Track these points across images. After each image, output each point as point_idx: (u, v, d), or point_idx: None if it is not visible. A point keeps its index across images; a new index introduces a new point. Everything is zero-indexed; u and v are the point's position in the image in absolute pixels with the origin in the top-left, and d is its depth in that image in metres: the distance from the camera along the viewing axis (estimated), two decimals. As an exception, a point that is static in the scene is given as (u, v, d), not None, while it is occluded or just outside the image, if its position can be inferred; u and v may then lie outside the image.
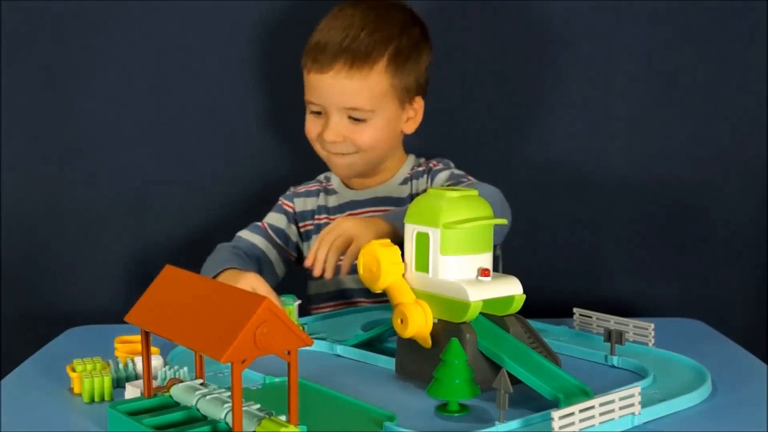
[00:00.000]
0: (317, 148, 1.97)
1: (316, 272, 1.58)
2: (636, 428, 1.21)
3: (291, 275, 2.02)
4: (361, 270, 1.41)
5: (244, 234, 1.98)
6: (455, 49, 2.19)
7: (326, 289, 2.02)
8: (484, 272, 1.33)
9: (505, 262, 1.98)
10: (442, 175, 1.93)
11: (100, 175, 2.21)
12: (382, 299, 1.76)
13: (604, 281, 2.27)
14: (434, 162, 1.99)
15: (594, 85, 2.24)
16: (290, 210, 2.03)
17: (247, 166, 2.24)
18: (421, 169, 2.01)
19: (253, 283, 1.63)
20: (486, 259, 1.36)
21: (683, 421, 1.25)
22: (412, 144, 2.03)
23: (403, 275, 1.39)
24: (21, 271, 2.22)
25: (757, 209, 2.26)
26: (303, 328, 1.63)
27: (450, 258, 1.33)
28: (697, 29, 2.23)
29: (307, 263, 1.60)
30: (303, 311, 1.70)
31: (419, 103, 1.97)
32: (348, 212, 2.02)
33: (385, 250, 1.38)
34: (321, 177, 2.09)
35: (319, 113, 1.92)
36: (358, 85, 1.87)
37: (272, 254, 2.00)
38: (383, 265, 1.37)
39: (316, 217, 2.03)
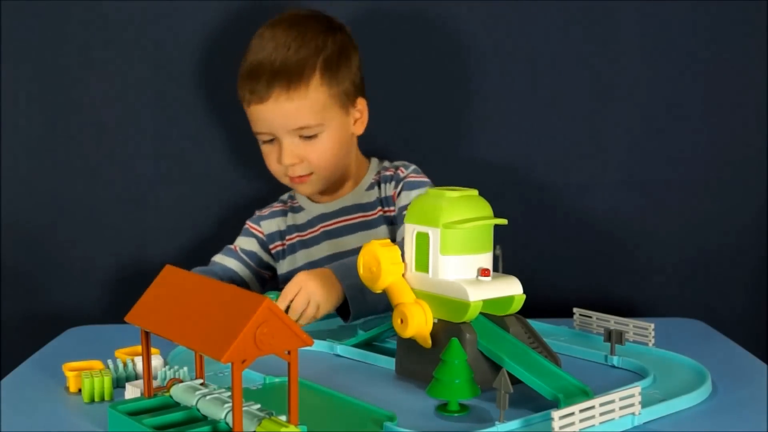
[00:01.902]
0: (280, 176, 1.97)
1: None
2: (636, 428, 1.21)
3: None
4: (361, 270, 1.41)
5: (218, 258, 2.02)
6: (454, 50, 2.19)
7: None
8: (484, 272, 1.33)
9: (504, 262, 1.98)
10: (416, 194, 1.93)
11: (100, 175, 2.21)
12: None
13: (604, 281, 2.28)
14: (402, 169, 1.99)
15: (594, 84, 2.24)
16: (259, 234, 2.05)
17: (248, 166, 2.24)
18: (388, 173, 2.01)
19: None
20: (486, 259, 1.36)
21: (683, 421, 1.25)
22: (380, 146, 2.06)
23: (403, 275, 1.39)
24: (21, 271, 2.21)
25: (757, 209, 2.26)
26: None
27: (450, 258, 1.33)
28: (697, 29, 2.23)
29: None
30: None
31: (362, 104, 1.98)
32: (320, 225, 2.02)
33: (385, 249, 1.38)
34: (284, 197, 2.11)
35: (271, 140, 1.92)
36: (299, 105, 1.87)
37: (246, 275, 2.03)
38: (383, 265, 1.37)
39: (287, 237, 2.04)
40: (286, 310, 1.62)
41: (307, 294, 1.63)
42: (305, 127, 1.88)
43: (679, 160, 2.25)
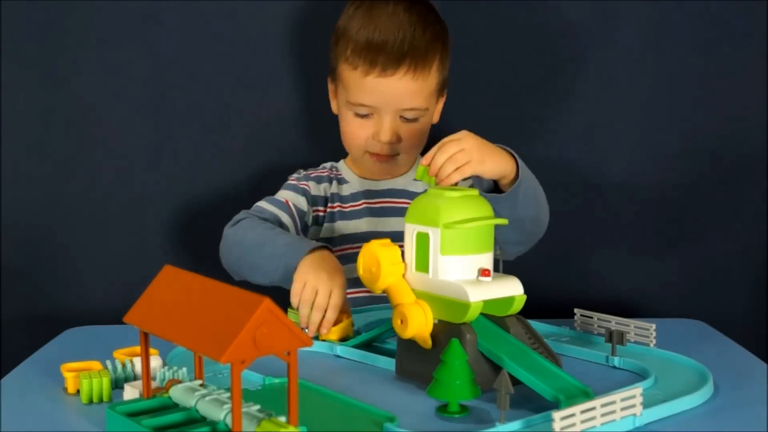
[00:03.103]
0: (358, 151, 1.96)
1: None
2: (637, 429, 1.21)
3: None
4: (360, 270, 1.42)
5: (268, 207, 1.95)
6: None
7: None
8: (484, 272, 1.34)
9: (505, 263, 1.98)
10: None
11: (100, 175, 2.21)
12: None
13: (605, 281, 2.28)
14: None
15: (594, 84, 2.25)
16: (308, 190, 2.00)
17: (248, 166, 2.24)
18: None
19: (333, 285, 1.63)
20: (486, 260, 1.36)
21: (685, 421, 1.25)
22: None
23: (404, 275, 1.39)
24: (20, 271, 2.21)
25: (757, 209, 2.26)
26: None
27: (450, 258, 1.33)
28: (697, 29, 2.24)
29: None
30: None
31: (443, 96, 2.01)
32: (363, 201, 2.02)
33: (385, 250, 1.38)
34: (326, 165, 2.09)
35: (365, 115, 1.92)
36: (420, 86, 1.88)
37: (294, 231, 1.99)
38: (383, 266, 1.37)
39: (330, 205, 2.02)
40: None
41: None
42: (415, 109, 1.89)
43: (679, 160, 2.26)
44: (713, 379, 1.38)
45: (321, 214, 2.02)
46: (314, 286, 1.61)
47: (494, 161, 1.60)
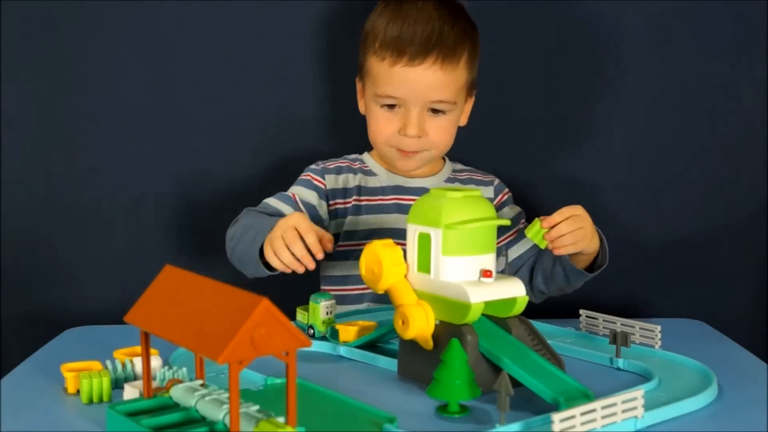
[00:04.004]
0: (385, 146, 1.98)
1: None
2: (639, 431, 1.22)
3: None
4: (363, 271, 1.43)
5: (272, 202, 1.97)
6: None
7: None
8: (486, 273, 1.35)
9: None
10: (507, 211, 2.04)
11: (99, 175, 2.22)
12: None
13: (605, 282, 2.28)
14: (499, 181, 2.11)
15: (594, 84, 2.26)
16: (322, 186, 2.01)
17: (248, 166, 2.25)
18: (479, 177, 2.09)
19: (292, 220, 1.66)
20: (489, 260, 1.37)
21: (687, 423, 1.26)
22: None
23: (406, 276, 1.40)
24: (20, 271, 2.22)
25: (757, 209, 2.27)
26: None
27: (452, 259, 1.34)
28: (697, 29, 2.25)
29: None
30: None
31: (472, 97, 2.03)
32: (393, 196, 2.03)
33: (388, 250, 1.40)
34: (350, 156, 2.10)
35: (392, 107, 1.93)
36: (448, 78, 1.90)
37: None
38: (385, 266, 1.39)
39: (355, 197, 2.02)
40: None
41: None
42: (443, 101, 1.91)
43: (679, 160, 2.27)
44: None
45: (341, 206, 2.02)
46: (279, 236, 1.65)
47: (595, 242, 1.78)
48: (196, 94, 2.22)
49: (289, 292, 1.95)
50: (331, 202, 2.02)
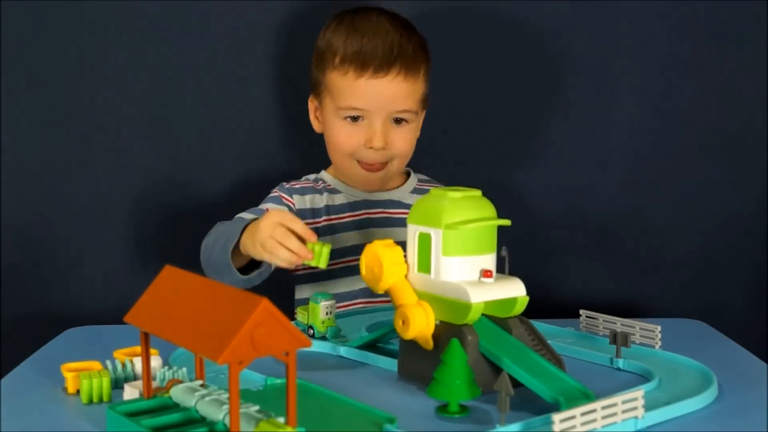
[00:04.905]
0: (348, 160, 1.99)
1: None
2: (639, 432, 1.23)
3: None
4: (363, 271, 1.44)
5: (245, 215, 1.93)
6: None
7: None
8: (486, 273, 1.35)
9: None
10: None
11: (99, 175, 2.23)
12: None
13: (604, 282, 2.29)
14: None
15: (594, 85, 2.27)
16: (290, 205, 2.01)
17: (247, 166, 2.26)
18: (428, 186, 2.06)
19: (275, 217, 1.61)
20: (489, 261, 1.38)
21: (687, 424, 1.27)
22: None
23: (406, 276, 1.41)
24: (20, 271, 2.23)
25: (757, 209, 2.28)
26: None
27: (452, 259, 1.35)
28: (697, 29, 2.26)
29: None
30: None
31: (425, 110, 2.05)
32: (363, 211, 2.04)
33: (388, 250, 1.40)
34: (310, 177, 2.10)
35: (355, 119, 1.95)
36: (410, 89, 1.94)
37: None
38: (385, 266, 1.39)
39: (325, 217, 2.03)
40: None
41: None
42: (406, 111, 1.94)
43: (678, 159, 2.28)
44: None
45: (311, 227, 1.98)
46: (268, 237, 1.59)
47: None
48: (197, 95, 2.23)
49: (289, 292, 1.98)
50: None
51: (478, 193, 1.41)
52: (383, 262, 1.40)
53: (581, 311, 1.68)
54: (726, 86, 2.27)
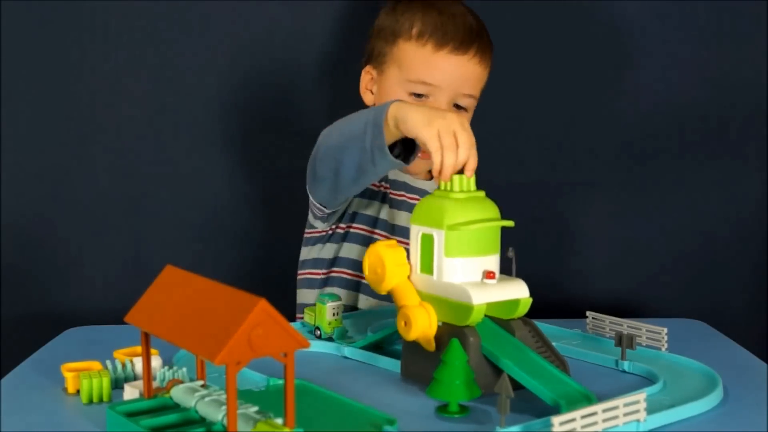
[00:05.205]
0: None
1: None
2: (641, 435, 1.23)
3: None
4: (366, 271, 1.44)
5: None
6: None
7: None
8: (489, 275, 1.36)
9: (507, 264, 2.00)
10: None
11: (99, 175, 2.24)
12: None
13: (604, 282, 2.30)
14: None
15: (595, 84, 2.27)
16: None
17: (248, 166, 2.26)
18: None
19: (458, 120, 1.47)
20: (492, 262, 1.38)
21: (690, 427, 1.27)
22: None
23: (409, 277, 1.41)
24: (20, 271, 2.24)
25: (757, 209, 2.28)
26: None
27: (454, 260, 1.35)
28: (697, 29, 2.26)
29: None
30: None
31: None
32: (402, 191, 2.01)
33: (391, 251, 1.41)
34: None
35: (419, 97, 1.89)
36: (481, 74, 1.92)
37: None
38: (388, 267, 1.40)
39: (383, 184, 2.00)
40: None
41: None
42: (470, 96, 1.92)
43: (678, 159, 2.28)
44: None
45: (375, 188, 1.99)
46: (448, 128, 1.44)
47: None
48: (197, 95, 2.24)
49: (289, 293, 1.98)
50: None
51: (481, 194, 1.41)
52: (386, 263, 1.40)
53: (588, 312, 1.68)
54: (726, 86, 2.28)
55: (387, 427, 1.21)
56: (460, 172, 1.41)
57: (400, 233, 1.96)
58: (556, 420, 1.12)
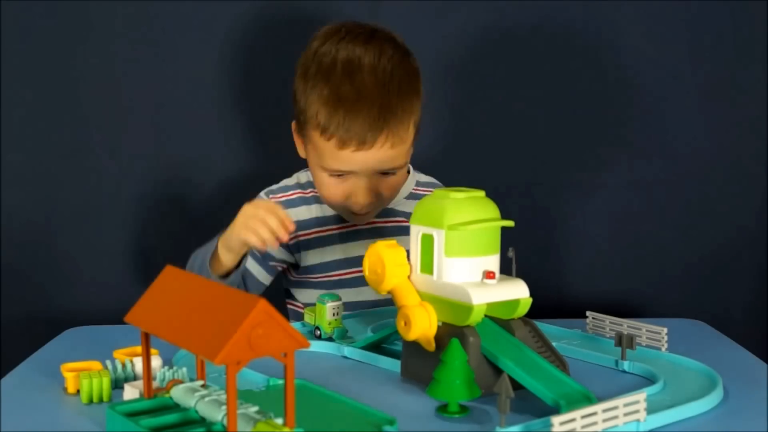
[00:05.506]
0: (335, 208, 1.96)
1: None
2: (641, 435, 1.23)
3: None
4: (366, 271, 1.44)
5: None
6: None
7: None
8: (489, 275, 1.36)
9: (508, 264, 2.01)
10: None
11: (99, 176, 2.24)
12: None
13: (605, 282, 2.30)
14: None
15: (597, 85, 2.28)
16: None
17: (248, 166, 2.27)
18: (423, 191, 2.05)
19: (250, 209, 1.73)
20: (492, 262, 1.38)
21: (690, 427, 1.27)
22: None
23: (409, 277, 1.41)
24: (21, 271, 2.25)
25: (757, 209, 2.29)
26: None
27: (454, 260, 1.35)
28: (697, 29, 2.26)
29: None
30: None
31: (418, 133, 1.96)
32: (350, 223, 2.01)
33: (390, 251, 1.41)
34: (302, 178, 2.05)
35: (341, 175, 1.88)
36: (399, 151, 1.86)
37: (255, 270, 2.00)
38: (388, 267, 1.40)
39: (314, 229, 2.00)
40: None
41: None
42: (394, 168, 1.87)
43: (678, 159, 2.28)
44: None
45: (303, 238, 2.00)
46: (252, 215, 1.71)
47: None
48: (197, 95, 2.25)
49: (289, 293, 1.98)
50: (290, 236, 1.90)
51: (481, 193, 1.41)
52: (386, 263, 1.40)
53: (588, 312, 1.68)
54: (726, 86, 2.28)
55: (387, 427, 1.21)
56: None
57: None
58: (556, 420, 1.12)
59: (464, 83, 2.23)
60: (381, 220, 2.01)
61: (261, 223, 1.68)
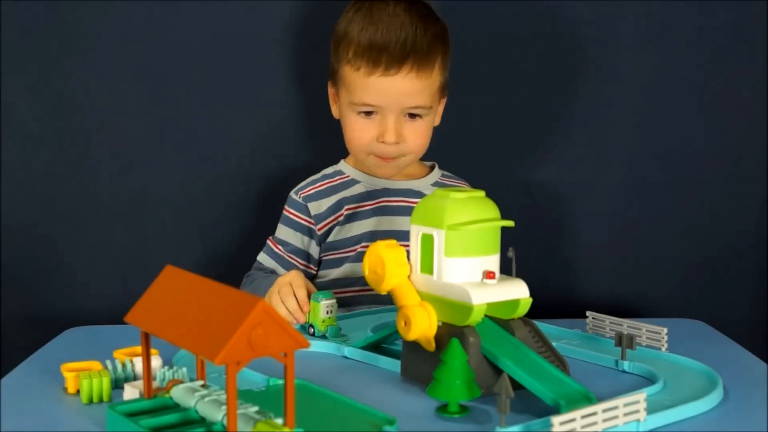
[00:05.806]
0: (362, 153, 2.01)
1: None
2: (641, 435, 1.23)
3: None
4: (366, 271, 1.44)
5: (265, 261, 2.05)
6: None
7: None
8: (489, 275, 1.36)
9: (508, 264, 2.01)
10: None
11: (99, 175, 2.24)
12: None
13: (604, 282, 2.30)
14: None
15: (596, 85, 2.28)
16: (304, 223, 2.05)
17: (248, 166, 2.27)
18: (451, 183, 2.11)
19: (288, 278, 1.75)
20: (492, 262, 1.38)
21: (690, 427, 1.27)
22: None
23: (409, 277, 1.42)
24: (20, 271, 2.24)
25: (757, 209, 2.29)
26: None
27: (454, 260, 1.36)
28: (697, 29, 2.27)
29: None
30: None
31: (445, 97, 2.06)
32: (382, 199, 2.06)
33: (391, 251, 1.41)
34: (328, 171, 2.12)
35: (369, 114, 1.96)
36: (423, 85, 1.93)
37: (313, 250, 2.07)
38: (388, 267, 1.40)
39: (338, 212, 2.05)
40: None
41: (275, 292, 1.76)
42: (419, 107, 1.94)
43: (679, 160, 2.29)
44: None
45: (333, 222, 2.05)
46: (275, 292, 1.75)
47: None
48: (197, 94, 2.24)
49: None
50: (320, 226, 2.06)
51: (481, 193, 1.41)
52: (386, 263, 1.40)
53: (588, 312, 1.68)
54: (726, 86, 2.28)
55: (387, 427, 1.21)
56: None
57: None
58: (556, 420, 1.13)
59: (464, 83, 2.23)
60: (409, 200, 2.07)
61: (279, 303, 1.73)
